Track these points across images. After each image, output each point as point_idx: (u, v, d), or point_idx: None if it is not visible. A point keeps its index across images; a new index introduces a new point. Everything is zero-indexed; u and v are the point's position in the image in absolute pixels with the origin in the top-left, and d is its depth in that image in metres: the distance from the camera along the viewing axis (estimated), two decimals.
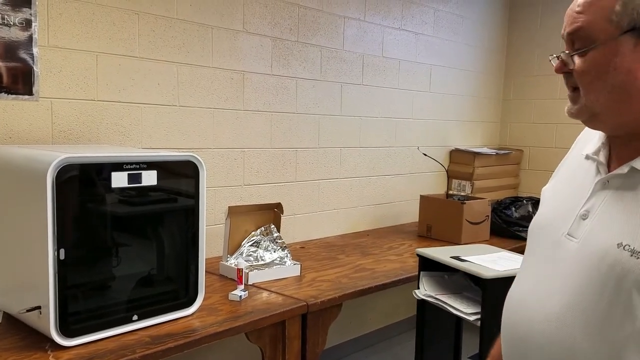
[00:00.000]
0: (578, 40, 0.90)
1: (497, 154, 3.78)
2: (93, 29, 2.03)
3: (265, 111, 2.63)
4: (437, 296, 1.96)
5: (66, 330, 1.44)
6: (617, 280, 0.85)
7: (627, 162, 0.92)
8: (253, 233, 2.24)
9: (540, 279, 0.97)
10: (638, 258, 0.83)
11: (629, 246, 0.84)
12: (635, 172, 0.90)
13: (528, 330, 0.95)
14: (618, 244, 0.86)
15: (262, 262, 2.18)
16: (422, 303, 2.07)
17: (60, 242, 1.40)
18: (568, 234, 0.95)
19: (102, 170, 1.48)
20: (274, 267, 2.17)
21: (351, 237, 3.00)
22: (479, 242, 2.83)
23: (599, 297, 0.86)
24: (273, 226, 2.28)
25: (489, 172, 3.73)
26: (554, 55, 0.97)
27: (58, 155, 1.39)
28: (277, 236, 2.27)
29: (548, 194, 1.10)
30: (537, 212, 1.10)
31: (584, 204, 0.95)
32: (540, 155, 4.02)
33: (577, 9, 0.89)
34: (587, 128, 1.14)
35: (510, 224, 3.07)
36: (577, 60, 0.91)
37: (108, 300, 1.54)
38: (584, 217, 0.94)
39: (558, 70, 0.95)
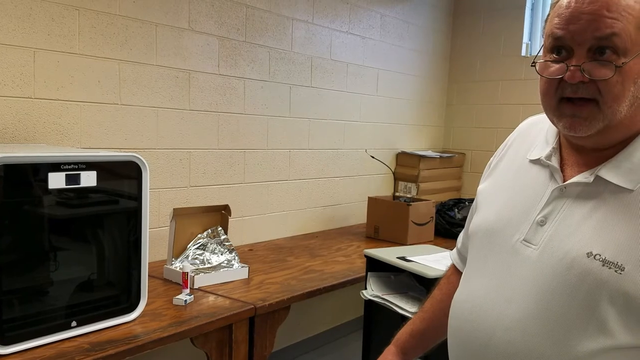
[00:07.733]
0: (610, 46, 0.82)
1: (441, 157, 3.88)
2: (31, 24, 1.94)
3: (213, 111, 2.60)
4: (383, 296, 1.98)
5: (1, 337, 1.38)
6: (589, 292, 0.83)
7: (587, 169, 0.90)
8: (199, 236, 2.20)
9: (497, 285, 0.94)
10: (610, 268, 0.81)
11: (600, 256, 0.83)
12: (599, 180, 0.88)
13: (490, 338, 0.91)
14: (587, 253, 0.84)
15: (209, 265, 2.14)
16: (369, 303, 2.09)
17: None
18: (525, 240, 0.92)
19: (38, 170, 1.41)
20: (221, 270, 2.14)
21: (300, 239, 2.99)
22: (424, 242, 2.89)
23: (567, 307, 0.84)
24: (220, 228, 2.25)
25: (434, 175, 3.82)
26: (543, 60, 0.89)
27: None
28: (224, 238, 2.24)
29: (486, 196, 1.06)
30: (478, 215, 1.06)
31: (541, 210, 0.93)
32: (481, 158, 4.14)
33: (606, 13, 0.82)
34: (521, 130, 1.09)
35: (453, 225, 3.15)
36: (607, 69, 0.82)
37: (45, 306, 1.48)
38: (542, 223, 0.91)
39: (575, 79, 0.84)
